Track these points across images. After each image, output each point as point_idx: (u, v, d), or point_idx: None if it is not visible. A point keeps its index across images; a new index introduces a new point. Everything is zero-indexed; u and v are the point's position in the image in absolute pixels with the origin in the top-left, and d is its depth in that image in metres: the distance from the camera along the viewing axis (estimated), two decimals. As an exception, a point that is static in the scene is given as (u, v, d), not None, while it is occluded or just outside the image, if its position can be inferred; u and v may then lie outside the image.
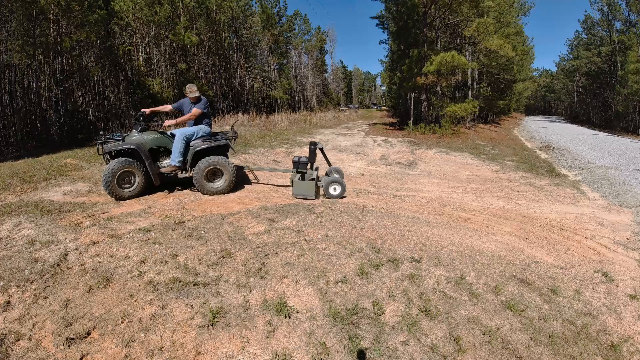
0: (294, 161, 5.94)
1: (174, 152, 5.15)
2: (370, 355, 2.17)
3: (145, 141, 5.11)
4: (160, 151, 5.41)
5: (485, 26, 14.30)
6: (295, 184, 5.50)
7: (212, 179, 5.42)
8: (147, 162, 5.03)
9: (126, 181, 5.00)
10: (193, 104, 5.41)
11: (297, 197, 5.48)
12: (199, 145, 5.26)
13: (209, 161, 5.25)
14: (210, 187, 5.36)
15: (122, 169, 4.87)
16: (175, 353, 2.13)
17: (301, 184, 5.48)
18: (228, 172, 5.39)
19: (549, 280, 3.12)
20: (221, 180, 5.42)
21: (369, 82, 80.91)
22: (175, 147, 5.15)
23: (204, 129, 5.46)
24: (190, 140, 5.30)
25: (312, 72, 40.90)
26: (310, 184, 5.44)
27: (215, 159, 5.28)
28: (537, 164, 10.16)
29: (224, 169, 5.37)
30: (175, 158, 5.16)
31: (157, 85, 18.94)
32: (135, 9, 19.08)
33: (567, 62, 46.56)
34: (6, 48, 13.35)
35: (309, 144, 5.99)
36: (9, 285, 2.68)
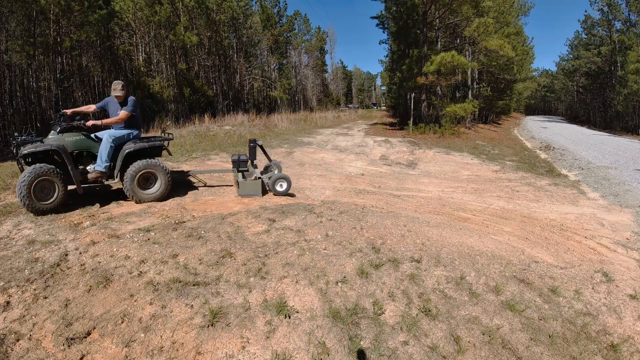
0: (233, 160, 5.78)
1: (101, 156, 4.52)
2: (370, 355, 2.17)
3: (66, 143, 4.46)
4: (84, 155, 4.72)
5: (485, 26, 14.31)
6: (241, 184, 5.32)
7: (145, 185, 4.81)
8: (70, 167, 4.32)
9: (45, 192, 4.19)
10: (120, 105, 4.80)
11: (245, 196, 5.28)
12: (130, 147, 4.66)
13: (141, 165, 4.66)
14: (144, 195, 4.75)
15: (40, 178, 4.09)
16: (175, 353, 2.13)
17: (247, 183, 5.36)
18: (163, 176, 4.84)
19: (549, 280, 3.12)
20: (156, 186, 4.85)
21: (369, 82, 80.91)
22: (102, 150, 4.51)
23: (135, 132, 4.93)
24: (120, 144, 4.70)
25: (312, 72, 40.91)
26: (256, 183, 5.36)
27: (147, 162, 4.71)
28: (537, 164, 10.16)
29: (158, 172, 4.81)
30: (101, 163, 4.51)
31: (157, 85, 18.95)
32: (135, 9, 19.08)
33: (567, 62, 46.57)
34: (6, 48, 13.35)
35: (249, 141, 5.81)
36: (9, 285, 2.68)
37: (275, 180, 5.47)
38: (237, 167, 5.75)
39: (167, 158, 8.56)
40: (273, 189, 5.47)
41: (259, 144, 5.86)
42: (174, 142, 11.72)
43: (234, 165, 5.79)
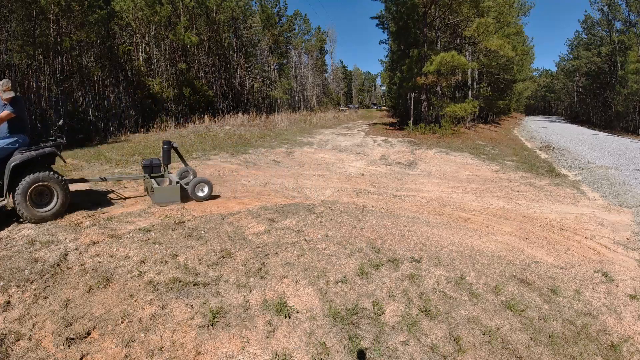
0: (144, 165, 5.20)
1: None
2: (370, 355, 2.17)
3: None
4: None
5: (485, 26, 14.31)
6: (157, 190, 4.80)
7: (39, 201, 4.06)
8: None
9: None
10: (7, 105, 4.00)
11: (161, 204, 4.73)
12: (16, 159, 3.90)
13: (32, 178, 3.96)
14: (39, 213, 4.01)
15: None
16: (175, 353, 2.13)
17: (164, 189, 4.88)
18: (60, 188, 4.12)
19: (549, 280, 3.12)
20: (53, 201, 4.11)
21: (369, 82, 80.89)
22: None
23: (21, 139, 4.12)
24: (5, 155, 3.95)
25: (312, 72, 40.91)
26: (174, 189, 4.87)
27: (40, 175, 4.02)
28: (537, 164, 10.16)
29: (54, 185, 4.09)
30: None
31: (157, 85, 18.95)
32: (135, 9, 19.08)
33: (567, 62, 46.57)
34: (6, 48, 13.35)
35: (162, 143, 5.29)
36: (9, 285, 2.68)
37: (195, 185, 5.00)
38: (149, 173, 5.16)
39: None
40: (193, 195, 5.00)
41: (174, 146, 5.34)
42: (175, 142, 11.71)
43: (145, 170, 5.19)
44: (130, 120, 16.90)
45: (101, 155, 9.07)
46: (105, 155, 9.08)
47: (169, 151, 5.24)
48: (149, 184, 5.05)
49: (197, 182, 5.05)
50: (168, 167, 5.44)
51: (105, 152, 9.57)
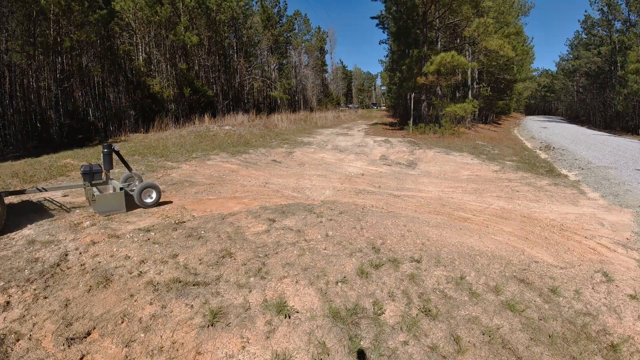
0: (84, 172, 4.75)
1: None
2: (370, 355, 2.17)
3: None
4: None
5: (485, 26, 14.31)
6: (99, 199, 4.36)
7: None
8: None
9: None
10: None
11: (104, 214, 4.36)
12: None
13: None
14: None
15: None
16: (175, 353, 2.13)
17: (106, 197, 4.45)
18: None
19: (549, 280, 3.12)
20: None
21: (369, 82, 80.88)
22: None
23: None
24: None
25: (312, 72, 40.89)
26: (118, 196, 4.47)
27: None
28: (537, 164, 10.16)
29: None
30: None
31: (157, 85, 18.94)
32: (135, 9, 19.08)
33: (567, 62, 46.59)
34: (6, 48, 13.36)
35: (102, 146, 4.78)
36: (9, 285, 2.68)
37: (141, 191, 4.61)
38: (89, 180, 4.75)
39: (166, 157, 8.57)
40: (140, 201, 4.63)
41: (115, 149, 4.81)
42: (175, 142, 11.72)
43: (85, 177, 4.74)
44: (130, 120, 16.90)
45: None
46: (105, 155, 9.07)
47: (110, 155, 4.75)
48: (89, 193, 4.60)
49: (143, 187, 4.63)
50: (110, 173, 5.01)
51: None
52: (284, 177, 7.31)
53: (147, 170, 7.34)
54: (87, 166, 4.80)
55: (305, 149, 11.24)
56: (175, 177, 6.88)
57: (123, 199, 4.51)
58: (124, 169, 5.07)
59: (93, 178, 4.78)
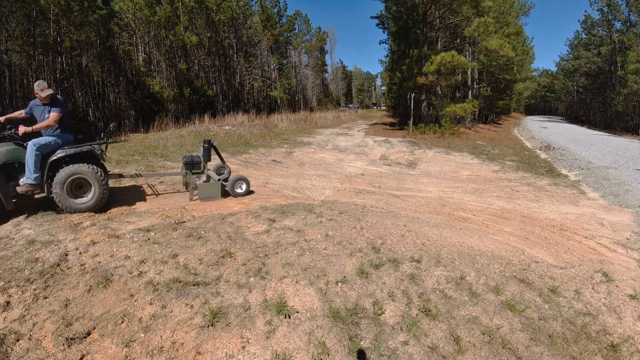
0: (186, 162, 5.45)
1: (28, 167, 4.09)
2: (370, 355, 2.17)
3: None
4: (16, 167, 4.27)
5: (485, 26, 14.31)
6: (201, 187, 5.12)
7: (77, 193, 4.35)
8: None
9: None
10: (47, 107, 4.32)
11: (204, 200, 5.08)
12: (55, 155, 4.22)
13: (70, 170, 4.20)
14: (75, 204, 4.27)
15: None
16: (175, 353, 2.13)
17: (208, 186, 5.16)
18: (97, 182, 4.34)
19: (549, 280, 3.12)
20: (90, 194, 4.37)
21: (369, 82, 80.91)
22: (28, 161, 4.07)
23: (64, 137, 4.47)
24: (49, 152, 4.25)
25: (312, 72, 40.88)
26: (216, 186, 5.19)
27: (77, 167, 4.25)
28: (537, 164, 10.16)
29: (92, 178, 4.31)
30: (30, 175, 4.09)
31: (157, 85, 18.95)
32: (135, 9, 19.08)
33: (567, 62, 46.59)
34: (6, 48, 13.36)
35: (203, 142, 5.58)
36: (9, 285, 2.68)
37: (234, 182, 5.31)
38: (190, 169, 5.40)
39: (166, 157, 8.58)
40: (232, 192, 5.31)
41: (214, 144, 5.62)
42: (175, 142, 11.72)
43: (187, 167, 5.43)
44: (130, 120, 16.90)
45: (101, 155, 9.06)
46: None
47: (209, 149, 5.46)
48: (191, 180, 5.29)
49: (235, 179, 5.37)
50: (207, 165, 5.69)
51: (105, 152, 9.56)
52: (284, 177, 7.31)
53: (147, 170, 7.34)
54: (189, 157, 5.48)
55: (305, 149, 11.24)
56: (175, 177, 6.88)
57: (220, 188, 5.22)
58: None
59: (193, 168, 5.43)
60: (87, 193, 4.39)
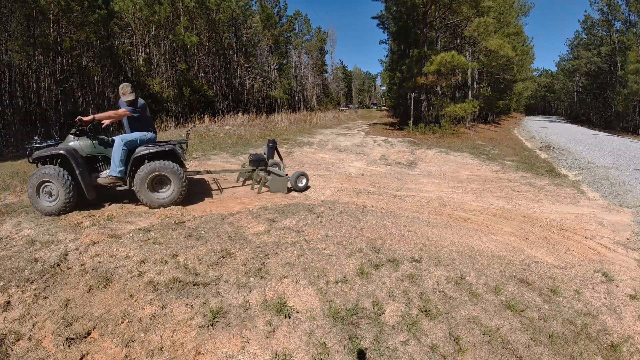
0: (253, 159, 6.03)
1: (113, 160, 4.41)
2: (370, 355, 2.17)
3: (80, 147, 4.44)
4: (99, 159, 4.66)
5: (485, 26, 14.31)
6: (272, 182, 5.77)
7: (157, 188, 4.68)
8: (78, 172, 4.26)
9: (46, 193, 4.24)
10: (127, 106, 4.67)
11: (274, 192, 5.73)
12: (141, 151, 4.56)
13: (152, 166, 4.51)
14: (155, 199, 4.58)
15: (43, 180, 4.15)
16: (175, 353, 2.13)
17: (277, 180, 5.81)
18: (177, 178, 4.63)
19: (549, 280, 3.12)
20: (169, 190, 4.67)
21: (369, 82, 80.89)
22: (115, 154, 4.40)
23: (148, 136, 4.81)
24: (134, 148, 4.61)
25: (312, 72, 40.87)
26: (284, 181, 5.84)
27: (159, 164, 4.54)
28: (537, 164, 10.16)
29: (172, 175, 4.61)
30: (115, 168, 4.41)
31: (157, 85, 18.95)
32: (135, 9, 19.08)
33: (567, 62, 46.58)
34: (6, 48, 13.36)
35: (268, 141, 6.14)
36: (9, 285, 2.68)
37: (297, 177, 5.97)
38: (256, 166, 6.07)
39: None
40: (294, 185, 5.89)
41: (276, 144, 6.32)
42: (174, 142, 11.70)
43: (254, 164, 6.06)
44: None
45: (101, 155, 9.06)
46: (105, 155, 9.07)
47: (273, 148, 6.10)
48: (262, 176, 5.92)
49: (297, 175, 5.95)
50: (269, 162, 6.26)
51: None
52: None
53: (147, 170, 7.34)
54: (255, 155, 6.08)
55: (305, 149, 11.24)
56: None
57: (287, 183, 5.83)
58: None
59: (259, 165, 6.02)
60: (166, 188, 4.72)
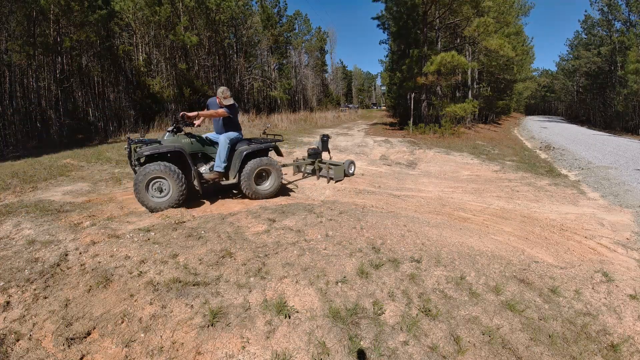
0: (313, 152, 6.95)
1: (219, 157, 4.77)
2: (370, 355, 2.17)
3: (183, 144, 4.66)
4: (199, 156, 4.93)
5: (485, 26, 14.30)
6: (336, 169, 6.73)
7: (258, 181, 5.19)
8: (194, 168, 4.54)
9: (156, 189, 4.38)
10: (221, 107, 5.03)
11: (336, 180, 6.69)
12: (248, 149, 4.96)
13: (258, 162, 4.99)
14: (259, 190, 5.11)
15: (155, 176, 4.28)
16: (175, 353, 2.13)
17: (339, 168, 6.76)
18: (276, 172, 5.23)
19: (549, 280, 3.12)
20: (268, 182, 5.25)
21: (369, 82, 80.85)
22: (221, 151, 4.76)
23: (239, 135, 5.22)
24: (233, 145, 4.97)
25: (312, 72, 40.86)
26: (342, 168, 6.81)
27: (264, 160, 5.06)
28: (537, 164, 10.16)
29: (272, 169, 5.19)
30: (220, 164, 4.79)
31: (157, 85, 18.95)
32: (135, 9, 19.08)
33: (567, 62, 46.58)
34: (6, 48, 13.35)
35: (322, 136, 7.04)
36: (9, 285, 2.68)
37: (349, 164, 7.08)
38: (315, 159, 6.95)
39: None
40: (347, 171, 7.05)
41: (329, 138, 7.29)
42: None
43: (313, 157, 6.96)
44: (130, 120, 16.90)
45: (101, 155, 9.07)
46: (105, 155, 9.07)
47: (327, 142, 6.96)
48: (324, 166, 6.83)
49: (349, 162, 7.13)
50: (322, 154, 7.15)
51: (105, 152, 9.56)
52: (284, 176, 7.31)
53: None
54: (313, 149, 6.93)
55: (305, 149, 11.23)
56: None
57: (344, 171, 6.90)
58: None
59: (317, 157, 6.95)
60: (266, 181, 5.26)
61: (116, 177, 6.65)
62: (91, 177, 6.66)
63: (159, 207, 4.37)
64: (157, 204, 4.35)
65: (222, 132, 5.02)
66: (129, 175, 6.86)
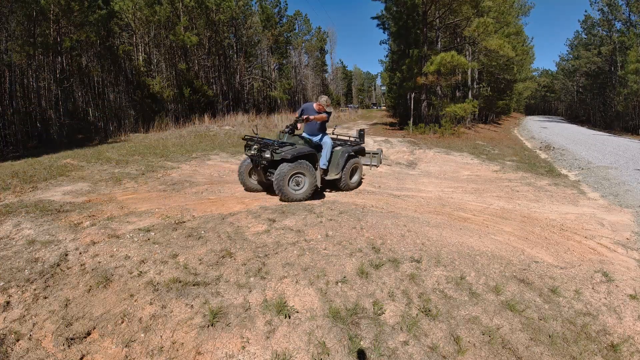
0: None
1: (325, 156, 5.59)
2: (370, 355, 2.17)
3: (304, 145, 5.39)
4: None
5: (485, 26, 14.30)
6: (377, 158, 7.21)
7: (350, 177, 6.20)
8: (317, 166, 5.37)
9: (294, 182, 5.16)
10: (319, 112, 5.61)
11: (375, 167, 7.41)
12: (349, 151, 5.95)
13: (354, 161, 6.05)
14: (351, 183, 6.18)
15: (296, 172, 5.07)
16: (175, 353, 2.13)
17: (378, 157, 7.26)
18: (361, 169, 6.39)
19: (549, 280, 3.12)
20: (355, 177, 6.29)
21: (369, 82, 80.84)
22: (326, 152, 5.60)
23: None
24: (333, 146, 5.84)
25: (312, 72, 40.87)
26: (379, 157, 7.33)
27: (357, 159, 6.16)
28: (537, 164, 10.16)
29: (359, 166, 6.36)
30: (324, 161, 5.59)
31: (157, 85, 18.95)
32: (135, 9, 19.08)
33: (567, 62, 46.58)
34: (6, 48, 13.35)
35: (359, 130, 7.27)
36: (9, 285, 2.68)
37: (380, 153, 7.50)
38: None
39: (166, 157, 8.57)
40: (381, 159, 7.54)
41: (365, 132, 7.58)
42: (175, 142, 11.73)
43: None
44: (130, 120, 16.90)
45: (101, 155, 9.07)
46: (105, 155, 9.08)
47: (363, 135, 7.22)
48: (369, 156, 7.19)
49: (381, 150, 7.65)
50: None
51: (105, 152, 9.57)
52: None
53: (147, 170, 7.34)
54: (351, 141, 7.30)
55: (305, 149, 11.22)
56: (175, 177, 6.89)
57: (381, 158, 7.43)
58: None
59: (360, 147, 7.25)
60: (355, 176, 6.31)
61: (116, 177, 6.65)
62: (91, 177, 6.67)
63: (296, 198, 5.09)
64: (294, 196, 5.08)
65: (317, 133, 5.69)
66: (129, 175, 6.86)
